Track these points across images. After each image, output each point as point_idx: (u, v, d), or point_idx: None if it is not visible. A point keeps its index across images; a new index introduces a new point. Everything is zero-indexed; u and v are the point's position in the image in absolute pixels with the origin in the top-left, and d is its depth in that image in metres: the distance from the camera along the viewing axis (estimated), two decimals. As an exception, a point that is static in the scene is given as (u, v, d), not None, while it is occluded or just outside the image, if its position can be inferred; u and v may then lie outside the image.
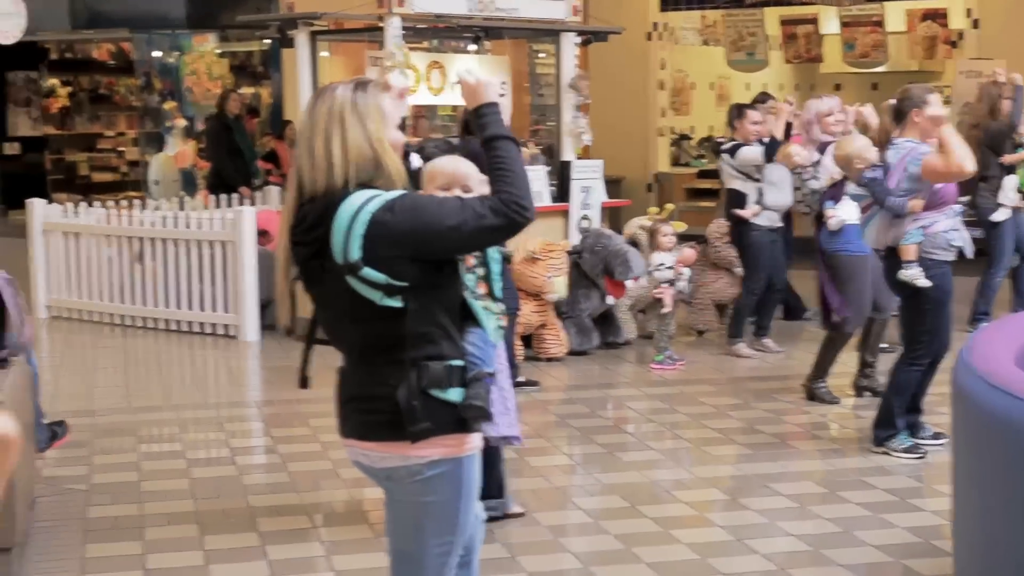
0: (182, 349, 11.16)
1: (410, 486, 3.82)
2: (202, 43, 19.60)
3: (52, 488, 7.07)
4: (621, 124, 15.63)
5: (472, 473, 3.84)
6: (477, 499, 3.92)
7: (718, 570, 5.77)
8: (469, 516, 3.88)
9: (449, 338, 3.73)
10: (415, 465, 3.77)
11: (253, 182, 15.25)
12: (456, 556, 3.91)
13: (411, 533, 3.90)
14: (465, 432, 3.76)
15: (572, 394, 9.24)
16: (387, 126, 3.75)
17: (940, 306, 7.34)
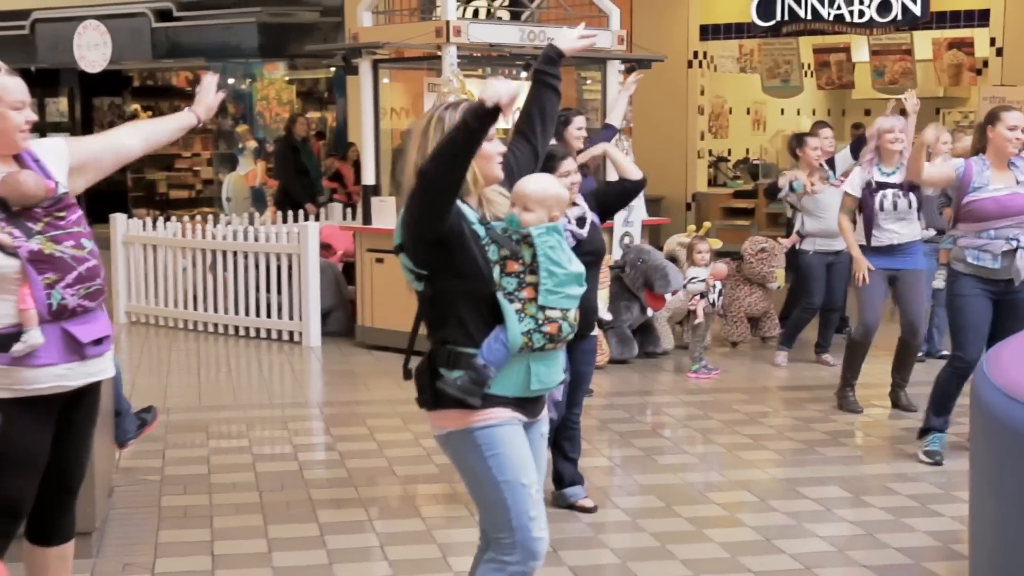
0: (250, 353, 11.22)
1: (446, 453, 4.09)
2: (272, 71, 19.72)
3: (129, 478, 7.11)
4: (662, 146, 15.60)
5: (493, 440, 3.92)
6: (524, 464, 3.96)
7: (748, 568, 5.74)
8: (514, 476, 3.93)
9: (462, 326, 3.88)
10: (438, 435, 4.06)
11: (318, 199, 15.34)
12: (529, 519, 3.95)
13: (473, 497, 4.11)
14: (465, 408, 3.90)
15: (613, 400, 9.21)
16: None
17: (956, 314, 7.31)
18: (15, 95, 4.19)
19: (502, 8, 12.16)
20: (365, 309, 11.19)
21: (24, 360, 4.09)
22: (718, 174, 17.95)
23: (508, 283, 3.86)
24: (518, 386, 3.90)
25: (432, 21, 10.67)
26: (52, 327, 4.13)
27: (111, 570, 5.68)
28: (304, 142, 16.02)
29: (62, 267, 4.15)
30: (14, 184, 4.14)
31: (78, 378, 4.25)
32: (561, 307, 3.92)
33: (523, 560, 3.97)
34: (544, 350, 3.90)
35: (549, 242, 3.91)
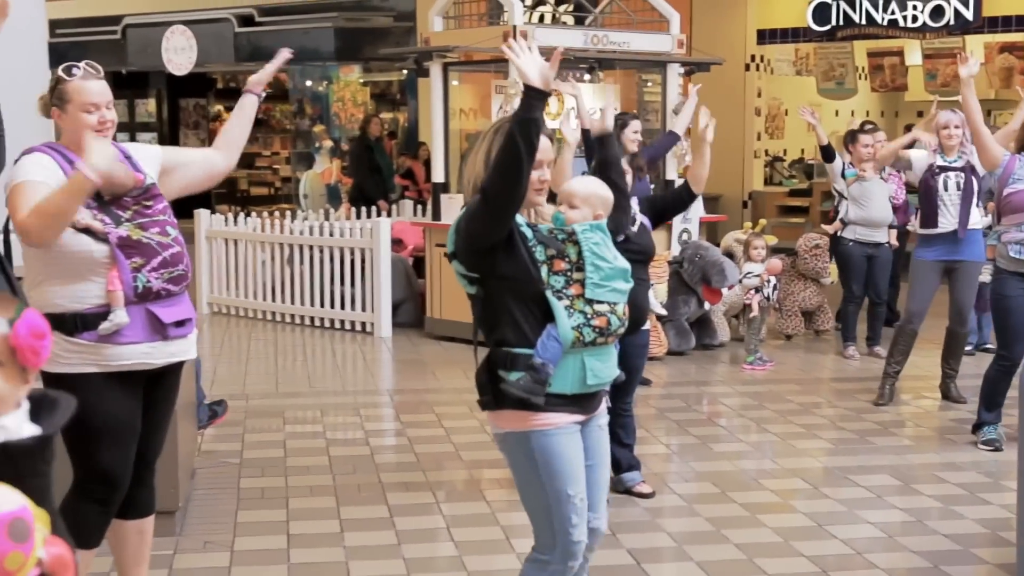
0: (324, 342, 11.26)
1: (502, 450, 4.05)
2: (348, 73, 19.80)
3: (210, 460, 7.17)
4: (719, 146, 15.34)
5: (548, 449, 3.89)
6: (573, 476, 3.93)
7: (800, 552, 5.69)
8: (561, 487, 3.91)
9: (516, 326, 3.84)
10: (495, 434, 4.04)
11: (390, 196, 15.40)
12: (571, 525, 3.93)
13: (520, 494, 4.07)
14: (526, 410, 3.85)
15: (670, 390, 9.17)
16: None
17: (1001, 313, 7.23)
18: (85, 97, 4.22)
19: (567, 13, 12.14)
20: (434, 301, 11.21)
21: (110, 338, 4.17)
22: (774, 173, 17.83)
23: (556, 281, 3.84)
24: (575, 382, 3.87)
25: (500, 26, 10.67)
26: (137, 308, 4.19)
27: (193, 547, 5.72)
28: (377, 141, 16.09)
29: (148, 252, 4.21)
30: (106, 174, 4.20)
31: (161, 357, 4.30)
32: (608, 300, 3.89)
33: (562, 559, 3.97)
34: (596, 344, 3.87)
35: (593, 238, 3.89)
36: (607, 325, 3.89)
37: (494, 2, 11.08)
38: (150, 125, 21.57)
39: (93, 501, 4.29)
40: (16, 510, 1.95)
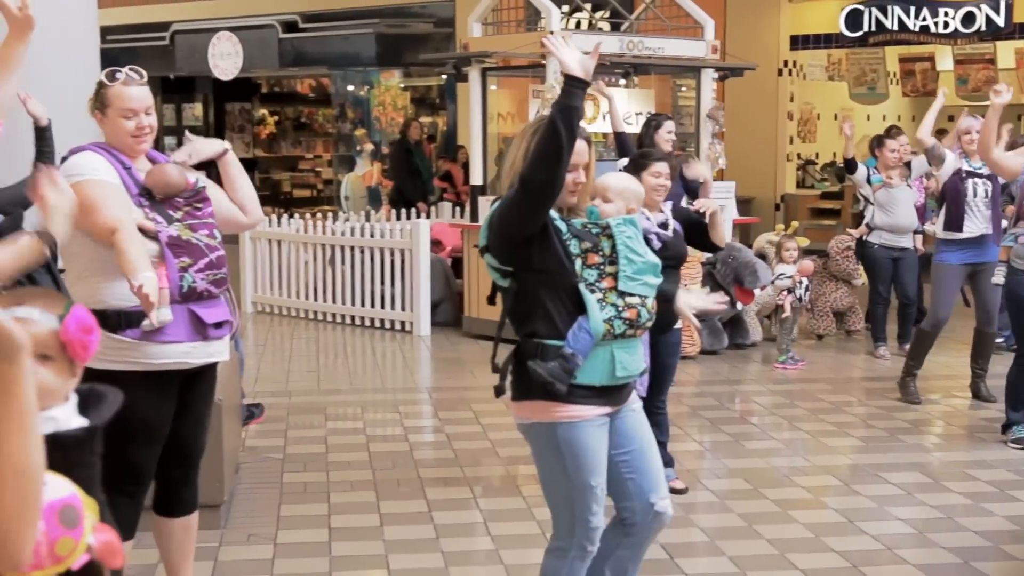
0: (364, 341, 11.29)
1: (527, 441, 4.04)
2: (389, 78, 19.85)
3: (253, 456, 7.19)
4: (753, 150, 15.46)
5: (574, 441, 3.88)
6: (597, 467, 3.92)
7: (831, 548, 5.67)
8: (586, 479, 3.91)
9: (548, 318, 3.84)
10: (520, 424, 4.02)
11: (429, 199, 15.42)
12: (591, 514, 3.93)
13: (542, 482, 4.07)
14: (552, 400, 3.84)
15: (703, 388, 9.15)
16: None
17: (1018, 311, 7.19)
18: (125, 103, 4.22)
19: (603, 20, 12.12)
20: (471, 301, 11.22)
21: (153, 336, 4.14)
22: (806, 176, 17.75)
23: (589, 274, 3.84)
24: (604, 374, 3.87)
25: (537, 32, 10.67)
26: (180, 308, 4.18)
27: (237, 539, 5.75)
28: (417, 145, 16.12)
29: (196, 253, 4.21)
30: (160, 174, 4.22)
31: (200, 357, 4.30)
32: (640, 293, 3.89)
33: (579, 545, 3.98)
34: (625, 336, 3.86)
35: (627, 232, 3.90)
36: (637, 318, 3.89)
37: (532, 9, 11.07)
38: (196, 129, 21.64)
39: (123, 494, 4.30)
40: (66, 497, 1.97)
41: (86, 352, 2.15)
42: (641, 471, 4.04)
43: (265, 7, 18.62)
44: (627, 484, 4.04)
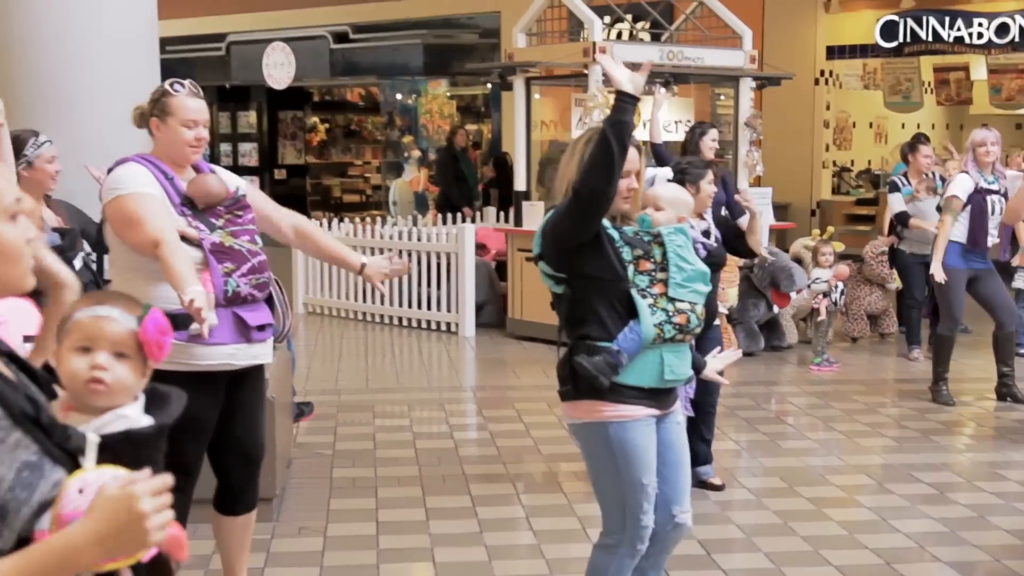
0: (411, 341, 11.32)
1: (577, 441, 4.06)
2: (436, 87, 19.89)
3: (304, 452, 7.23)
4: (789, 157, 15.38)
5: (625, 439, 3.88)
6: (648, 466, 3.92)
7: (865, 545, 5.64)
8: (637, 476, 3.90)
9: (601, 323, 3.85)
10: (570, 424, 4.05)
11: (475, 204, 15.42)
12: (642, 512, 3.92)
13: (593, 481, 4.08)
14: (602, 400, 3.85)
15: (740, 389, 9.11)
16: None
17: None
18: (187, 114, 4.26)
19: (644, 30, 12.11)
20: (515, 303, 11.23)
21: (199, 338, 4.16)
22: (841, 183, 17.64)
23: (641, 280, 3.85)
24: (653, 376, 3.87)
25: (580, 42, 10.68)
26: (225, 311, 4.19)
27: (288, 532, 5.79)
28: (463, 152, 16.13)
29: (238, 258, 4.23)
30: (202, 184, 4.25)
31: (244, 359, 4.32)
32: (689, 300, 3.89)
33: (630, 543, 3.98)
34: (675, 340, 3.87)
35: (677, 241, 3.90)
36: (687, 323, 3.89)
37: (575, 20, 11.07)
38: (251, 136, 21.78)
39: (174, 490, 4.33)
40: None
41: (160, 352, 2.18)
42: (670, 482, 4.04)
43: (317, 19, 18.71)
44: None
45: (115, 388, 2.12)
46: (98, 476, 1.97)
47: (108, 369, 2.12)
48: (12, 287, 2.03)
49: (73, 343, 2.14)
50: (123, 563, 1.96)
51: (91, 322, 2.15)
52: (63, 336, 2.16)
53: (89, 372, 2.11)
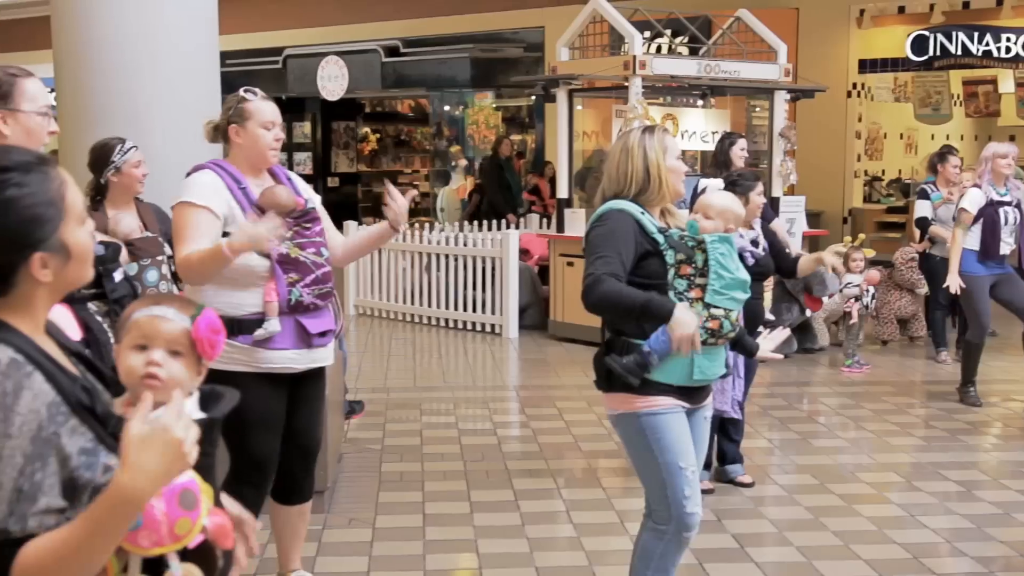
0: (457, 342, 11.35)
1: (617, 431, 4.08)
2: (482, 99, 19.91)
3: (355, 447, 7.27)
4: (822, 167, 15.28)
5: (657, 426, 3.90)
6: (683, 450, 3.92)
7: (894, 540, 5.60)
8: (673, 459, 3.91)
9: (637, 322, 3.85)
10: (609, 416, 4.06)
11: (519, 211, 15.43)
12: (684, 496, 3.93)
13: (637, 471, 4.10)
14: (632, 392, 3.86)
15: (773, 390, 9.08)
16: (667, 157, 3.96)
17: None
18: (265, 116, 4.32)
19: (682, 45, 12.08)
20: (557, 306, 11.23)
21: (263, 343, 4.24)
22: (872, 192, 17.50)
23: (679, 284, 3.86)
24: (681, 376, 3.88)
25: (621, 56, 10.67)
26: (288, 319, 4.25)
27: (339, 523, 5.82)
28: (508, 160, 16.16)
29: (303, 269, 4.27)
30: (272, 195, 4.29)
31: (304, 363, 4.36)
32: (725, 307, 3.89)
33: (677, 530, 3.99)
34: (706, 344, 3.87)
35: (720, 249, 3.89)
36: (719, 328, 3.89)
37: (616, 34, 11.06)
38: (305, 145, 21.87)
39: (250, 484, 4.37)
40: (186, 483, 2.01)
41: (213, 351, 2.21)
42: None
43: (369, 33, 18.79)
44: None
45: (169, 383, 2.15)
46: None
47: (163, 365, 2.16)
48: (78, 284, 2.11)
49: (131, 341, 2.18)
50: (170, 548, 1.99)
51: (147, 321, 2.19)
52: (122, 335, 2.20)
53: (144, 368, 2.15)
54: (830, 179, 15.81)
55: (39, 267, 1.98)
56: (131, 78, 6.50)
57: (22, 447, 1.88)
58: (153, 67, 6.56)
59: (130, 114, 6.37)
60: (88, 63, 6.56)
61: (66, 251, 2.01)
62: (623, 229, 3.85)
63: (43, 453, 1.90)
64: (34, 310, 2.03)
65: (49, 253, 1.99)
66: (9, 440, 1.87)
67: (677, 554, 4.05)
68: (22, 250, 1.97)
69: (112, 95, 6.48)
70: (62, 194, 2.02)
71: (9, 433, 1.87)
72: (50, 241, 1.99)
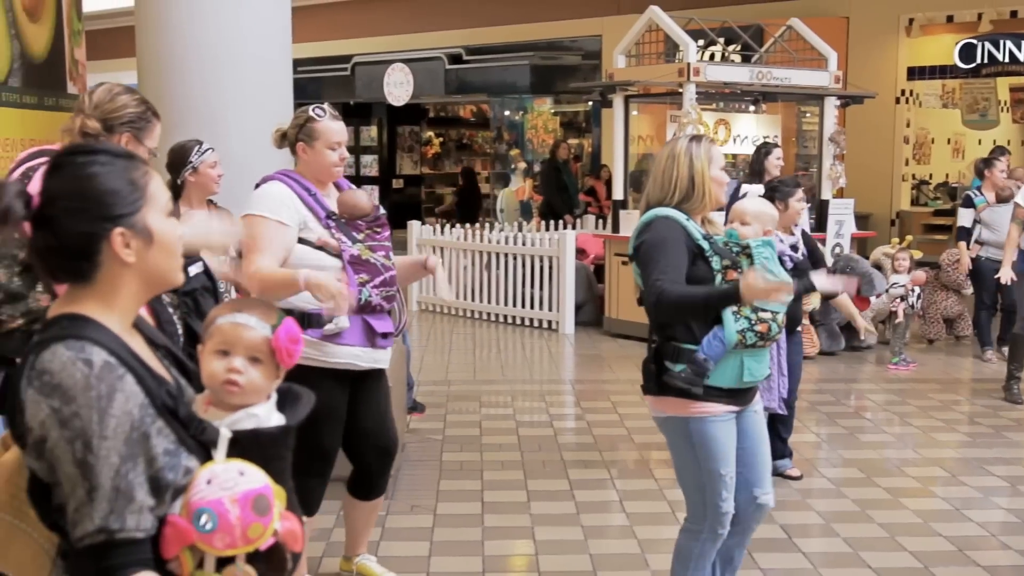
0: (515, 337, 11.36)
1: (662, 432, 4.03)
2: (541, 105, 19.90)
3: (417, 437, 7.30)
4: (871, 170, 15.12)
5: (705, 434, 3.87)
6: (726, 457, 3.90)
7: (939, 533, 5.54)
8: (715, 467, 3.89)
9: (687, 326, 3.83)
10: (656, 417, 4.01)
11: (575, 212, 15.42)
12: (720, 499, 3.90)
13: (676, 470, 4.06)
14: (688, 398, 3.83)
15: (821, 386, 9.00)
16: (711, 167, 3.93)
17: None
18: (333, 136, 4.34)
19: (735, 52, 12.01)
20: (611, 303, 11.21)
21: (331, 338, 4.27)
22: (920, 195, 17.30)
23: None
24: (733, 378, 3.86)
25: (675, 63, 10.62)
26: (356, 317, 4.28)
27: (402, 510, 5.85)
28: (565, 164, 16.14)
29: (373, 271, 4.30)
30: (350, 198, 4.33)
31: (367, 361, 4.38)
32: (772, 309, 3.87)
33: (711, 529, 3.97)
34: (755, 347, 3.85)
35: (764, 253, 3.88)
36: (768, 331, 3.87)
37: (671, 42, 11.02)
38: (371, 148, 22.01)
39: (315, 475, 4.40)
40: (260, 488, 2.02)
41: (291, 359, 2.21)
42: (750, 466, 4.02)
43: (433, 42, 18.85)
44: (736, 476, 4.02)
45: (248, 389, 2.16)
46: (225, 469, 2.01)
47: (243, 372, 2.17)
48: (168, 280, 2.10)
49: (214, 346, 2.19)
50: (242, 550, 2.01)
51: (230, 328, 2.20)
52: (206, 339, 2.21)
53: (225, 374, 2.16)
54: (879, 182, 15.65)
55: (121, 244, 1.98)
56: (208, 84, 6.59)
57: (117, 448, 1.89)
58: (230, 74, 6.64)
59: (207, 118, 6.46)
60: (169, 70, 6.65)
61: (148, 233, 2.01)
62: (674, 236, 3.83)
63: (135, 453, 1.91)
64: (121, 299, 2.03)
65: (130, 230, 1.98)
66: (105, 441, 1.88)
67: (713, 550, 4.04)
68: (103, 222, 1.97)
69: (191, 100, 6.57)
70: (146, 181, 2.03)
71: (105, 435, 1.88)
72: (131, 219, 1.99)
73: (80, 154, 2.01)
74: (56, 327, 1.96)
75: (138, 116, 3.60)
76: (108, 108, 3.56)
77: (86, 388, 1.88)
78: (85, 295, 2.00)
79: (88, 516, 1.88)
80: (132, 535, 1.90)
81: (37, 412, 1.89)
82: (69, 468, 1.88)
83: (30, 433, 1.91)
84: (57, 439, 1.88)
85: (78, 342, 1.92)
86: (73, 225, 1.95)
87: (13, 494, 2.04)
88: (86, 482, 1.88)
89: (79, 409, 1.88)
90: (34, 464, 1.94)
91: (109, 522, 1.88)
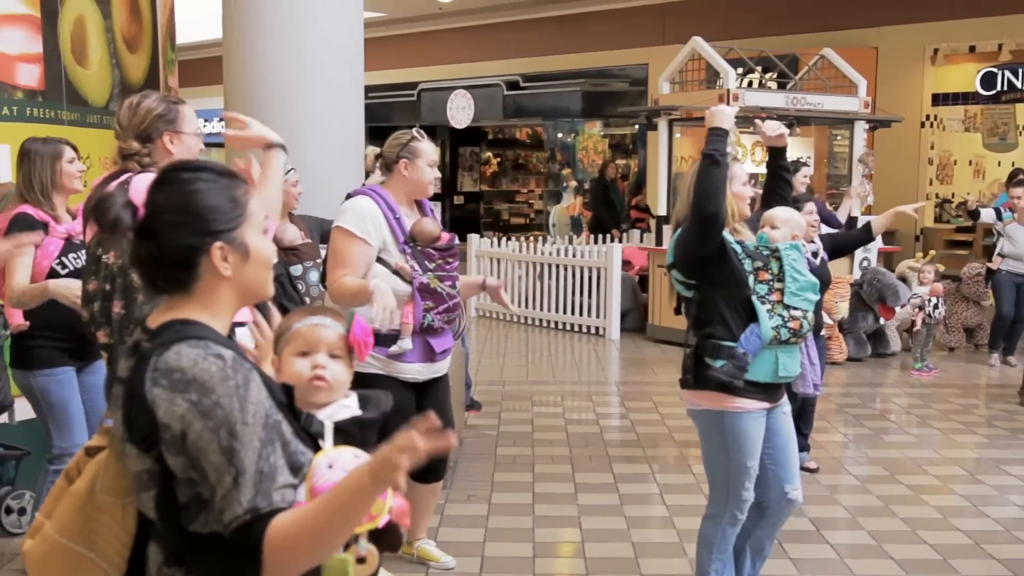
0: (565, 342, 11.35)
1: (696, 423, 4.01)
2: (591, 128, 19.88)
3: (473, 432, 7.32)
4: (897, 189, 14.94)
5: (738, 428, 3.85)
6: (753, 451, 3.87)
7: (958, 528, 5.47)
8: (743, 459, 3.86)
9: (724, 324, 3.83)
10: (690, 410, 4.00)
11: (622, 227, 15.38)
12: (743, 489, 3.88)
13: (704, 459, 4.06)
14: (725, 393, 3.82)
15: (848, 390, 8.91)
16: (734, 183, 3.94)
17: None
18: (431, 156, 4.44)
19: (771, 79, 11.94)
20: (655, 311, 11.17)
21: (396, 356, 4.34)
22: (943, 213, 17.08)
23: (760, 288, 3.84)
24: (769, 372, 3.85)
25: (716, 89, 10.58)
26: (418, 338, 4.37)
27: (459, 499, 5.88)
28: (613, 182, 16.10)
29: (439, 299, 4.35)
30: (422, 228, 4.37)
31: (427, 375, 4.47)
32: (802, 307, 3.87)
33: (731, 514, 3.96)
34: (788, 343, 3.84)
35: (792, 256, 3.89)
36: (800, 328, 3.87)
37: (712, 70, 10.97)
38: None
39: None
40: None
41: (365, 351, 2.24)
42: (780, 464, 4.01)
43: (493, 70, 18.91)
44: (767, 473, 4.00)
45: (334, 384, 2.18)
46: (339, 454, 2.01)
47: (327, 368, 2.19)
48: (260, 292, 2.06)
49: (294, 349, 2.21)
50: (366, 527, 2.01)
51: (309, 330, 2.22)
52: (283, 345, 2.22)
53: (312, 371, 2.17)
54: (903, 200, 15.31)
55: (219, 258, 1.94)
56: (288, 108, 6.65)
57: (258, 433, 1.85)
58: (307, 99, 6.71)
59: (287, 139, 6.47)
60: (253, 95, 6.73)
61: (245, 249, 1.97)
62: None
63: (272, 438, 1.87)
64: (218, 308, 1.99)
65: (229, 245, 1.95)
66: (247, 427, 1.84)
67: (734, 535, 4.02)
68: (204, 236, 1.93)
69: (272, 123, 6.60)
70: (247, 200, 2.00)
71: (246, 421, 1.84)
72: (230, 235, 1.96)
73: (186, 170, 1.99)
74: (170, 331, 1.92)
75: (164, 112, 3.60)
76: (135, 122, 3.58)
77: (224, 379, 1.84)
78: (186, 304, 1.97)
79: (236, 500, 1.82)
80: (278, 506, 1.85)
81: (173, 408, 1.83)
82: (215, 457, 1.82)
83: (167, 430, 1.84)
84: (201, 430, 1.82)
85: (200, 341, 1.89)
86: (176, 238, 1.93)
87: (83, 524, 1.96)
88: (232, 468, 1.82)
89: (220, 399, 1.83)
90: (172, 460, 1.86)
91: (256, 503, 1.82)
